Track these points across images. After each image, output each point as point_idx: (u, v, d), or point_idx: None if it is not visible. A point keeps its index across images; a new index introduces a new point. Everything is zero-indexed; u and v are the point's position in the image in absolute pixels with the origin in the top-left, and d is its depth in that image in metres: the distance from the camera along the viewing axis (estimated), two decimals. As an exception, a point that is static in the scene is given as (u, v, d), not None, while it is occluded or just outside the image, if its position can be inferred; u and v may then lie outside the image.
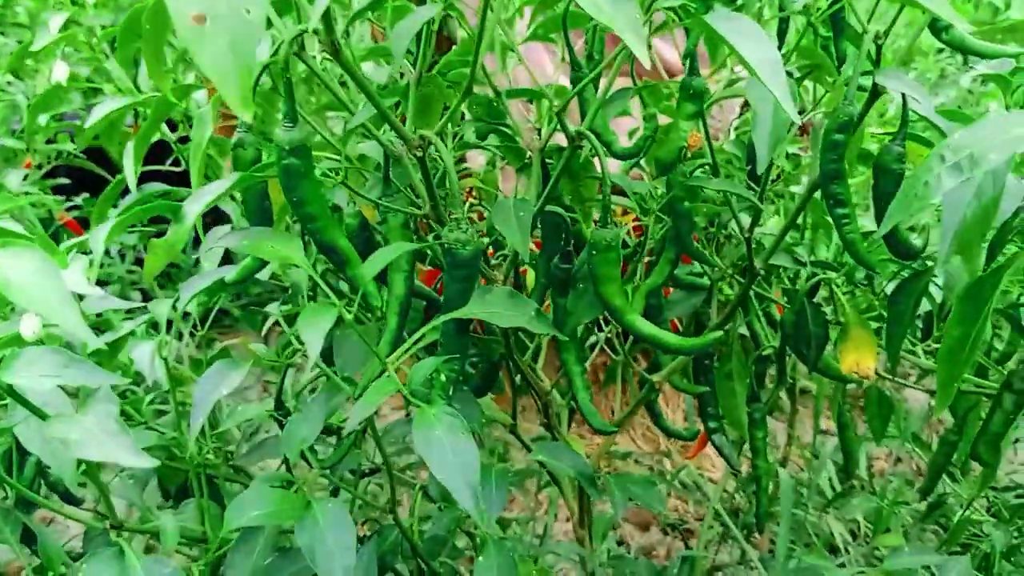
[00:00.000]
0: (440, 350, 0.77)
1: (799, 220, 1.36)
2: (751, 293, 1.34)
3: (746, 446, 1.46)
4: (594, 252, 0.81)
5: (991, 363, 1.34)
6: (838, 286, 1.16)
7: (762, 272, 1.07)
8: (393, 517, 0.97)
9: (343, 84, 0.94)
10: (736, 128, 1.23)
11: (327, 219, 0.69)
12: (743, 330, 1.44)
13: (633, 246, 1.33)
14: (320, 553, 0.71)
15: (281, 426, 0.97)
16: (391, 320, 0.82)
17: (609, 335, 1.37)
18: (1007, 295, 1.47)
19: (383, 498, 1.10)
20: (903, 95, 0.93)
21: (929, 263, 1.10)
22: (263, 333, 1.88)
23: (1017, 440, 1.88)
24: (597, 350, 1.40)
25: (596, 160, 1.08)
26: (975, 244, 0.89)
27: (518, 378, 1.16)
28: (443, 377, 0.77)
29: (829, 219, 0.97)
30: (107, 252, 2.48)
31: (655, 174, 0.84)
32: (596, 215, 1.23)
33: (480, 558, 0.96)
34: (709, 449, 2.16)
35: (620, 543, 2.25)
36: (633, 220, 1.30)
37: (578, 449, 1.25)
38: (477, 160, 1.30)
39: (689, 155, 0.83)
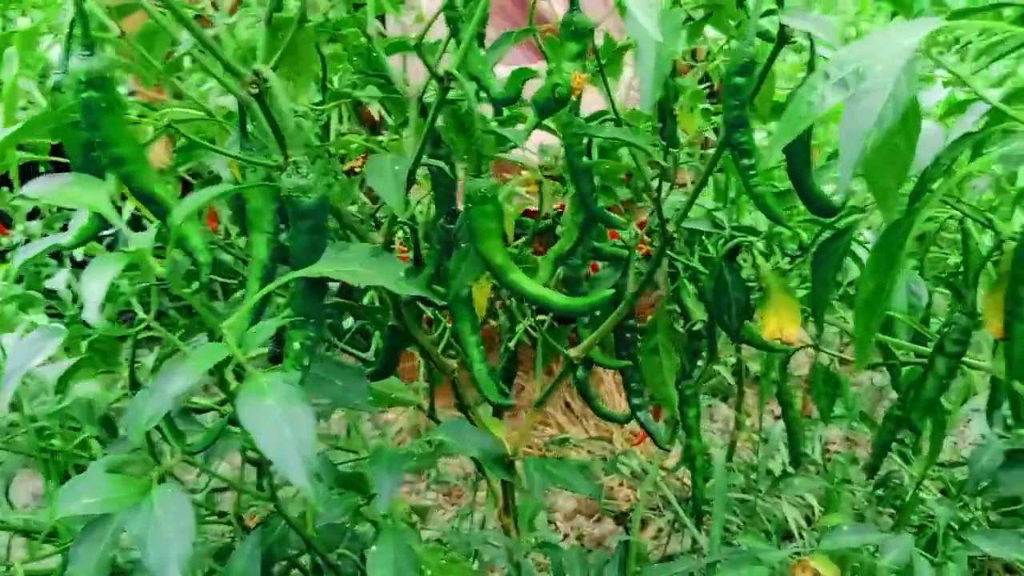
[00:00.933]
0: (290, 313, 0.69)
1: (720, 187, 1.30)
2: (680, 266, 1.28)
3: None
4: (470, 205, 0.74)
5: (932, 334, 1.28)
6: (760, 251, 1.09)
7: (676, 237, 1.00)
8: (275, 506, 0.89)
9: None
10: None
11: (139, 162, 0.61)
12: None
13: (552, 216, 1.26)
14: (153, 542, 0.63)
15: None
16: (251, 286, 0.75)
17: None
18: (946, 260, 1.42)
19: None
20: (810, 36, 0.86)
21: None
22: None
23: (970, 419, 1.83)
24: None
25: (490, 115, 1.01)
26: (890, 189, 0.83)
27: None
28: (297, 345, 0.69)
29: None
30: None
31: (536, 118, 0.77)
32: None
33: (374, 547, 0.89)
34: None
35: (566, 535, 2.19)
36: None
37: (496, 431, 1.17)
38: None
39: (574, 97, 0.75)
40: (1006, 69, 1.41)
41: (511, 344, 1.40)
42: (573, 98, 0.76)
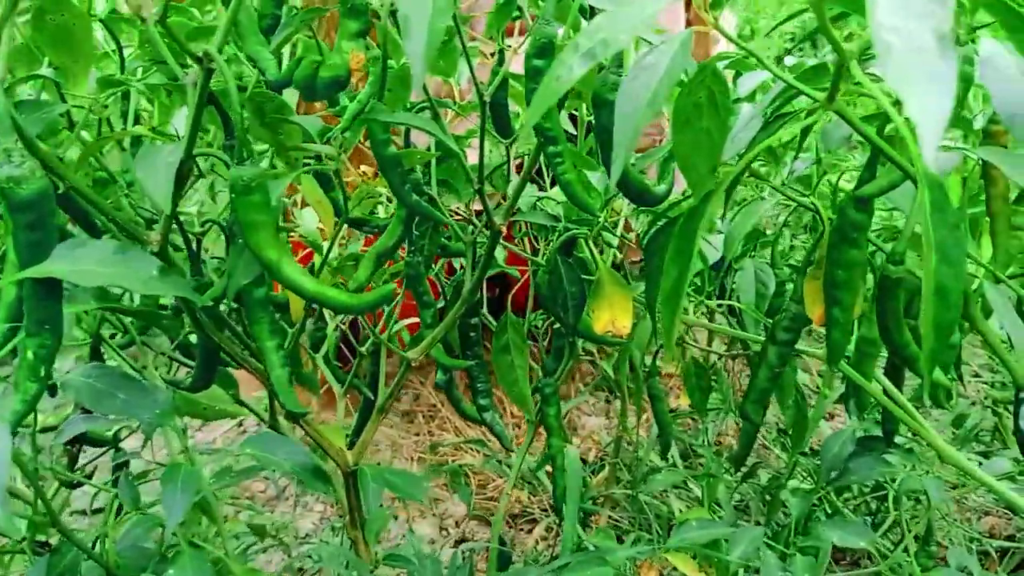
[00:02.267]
0: (25, 320, 0.62)
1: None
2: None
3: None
4: (233, 195, 0.68)
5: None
6: (601, 241, 1.06)
7: (503, 229, 0.96)
8: (58, 529, 0.81)
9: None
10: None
11: None
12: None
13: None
14: None
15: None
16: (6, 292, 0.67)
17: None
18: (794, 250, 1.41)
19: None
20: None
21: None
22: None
23: (839, 400, 1.83)
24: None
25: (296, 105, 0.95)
26: (703, 175, 0.80)
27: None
28: (30, 355, 0.62)
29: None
30: None
31: (302, 97, 0.72)
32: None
33: (171, 570, 0.82)
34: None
35: (463, 540, 2.14)
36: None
37: (335, 440, 1.11)
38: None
39: (355, 80, 0.70)
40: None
41: (364, 349, 1.35)
42: (353, 79, 0.71)
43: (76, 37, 0.79)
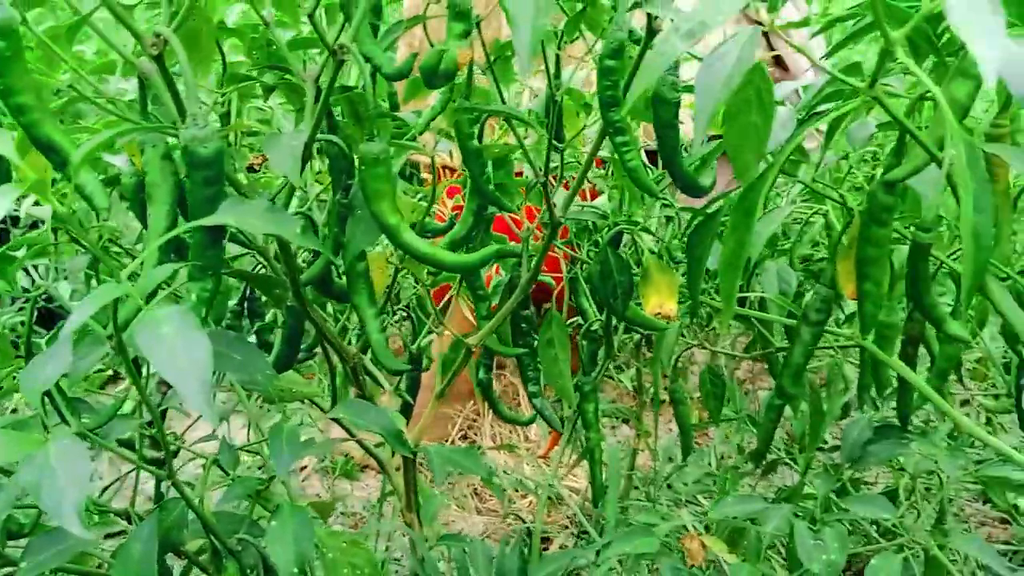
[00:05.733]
0: (189, 268, 0.71)
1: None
2: (577, 271, 1.35)
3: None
4: (363, 167, 0.78)
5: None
6: (646, 234, 1.17)
7: (562, 222, 1.06)
8: (173, 484, 0.89)
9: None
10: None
11: (41, 111, 0.63)
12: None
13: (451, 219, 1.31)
14: (48, 489, 0.63)
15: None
16: (149, 247, 0.76)
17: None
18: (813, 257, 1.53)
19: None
20: (671, 20, 0.96)
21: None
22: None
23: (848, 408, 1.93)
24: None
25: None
26: (750, 163, 0.92)
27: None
28: (194, 297, 0.71)
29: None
30: None
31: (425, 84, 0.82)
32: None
33: (273, 522, 0.90)
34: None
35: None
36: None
37: (396, 420, 1.20)
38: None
39: (462, 73, 0.81)
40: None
41: (415, 347, 1.44)
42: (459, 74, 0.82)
43: (202, 43, 0.90)
